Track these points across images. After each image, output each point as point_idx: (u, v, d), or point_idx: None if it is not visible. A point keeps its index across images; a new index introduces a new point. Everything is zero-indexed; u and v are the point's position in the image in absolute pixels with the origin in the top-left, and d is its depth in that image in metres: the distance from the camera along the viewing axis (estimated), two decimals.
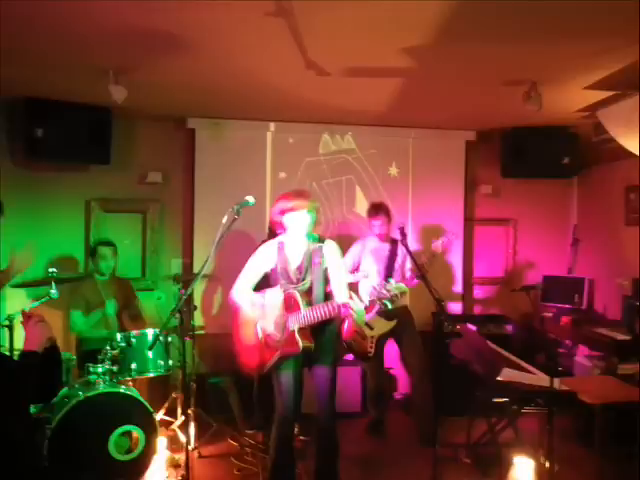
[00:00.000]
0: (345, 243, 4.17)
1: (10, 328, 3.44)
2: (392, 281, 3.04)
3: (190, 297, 4.40)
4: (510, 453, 3.54)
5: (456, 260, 5.45)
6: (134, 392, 3.58)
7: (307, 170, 5.20)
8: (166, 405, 4.23)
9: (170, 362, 3.89)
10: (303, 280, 3.11)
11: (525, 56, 3.30)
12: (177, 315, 3.05)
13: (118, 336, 3.75)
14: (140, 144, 5.03)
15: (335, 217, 5.25)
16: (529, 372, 3.44)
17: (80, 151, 4.50)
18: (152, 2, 2.62)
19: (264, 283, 3.24)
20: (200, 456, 3.98)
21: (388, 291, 2.94)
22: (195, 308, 4.53)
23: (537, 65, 3.47)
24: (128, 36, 3.05)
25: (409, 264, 4.30)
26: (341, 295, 3.06)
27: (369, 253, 4.34)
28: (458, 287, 5.50)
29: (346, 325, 3.08)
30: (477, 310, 5.64)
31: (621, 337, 4.28)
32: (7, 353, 3.32)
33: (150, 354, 3.78)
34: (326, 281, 3.14)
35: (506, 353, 3.70)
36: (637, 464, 3.33)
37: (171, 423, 4.16)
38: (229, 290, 3.23)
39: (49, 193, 4.79)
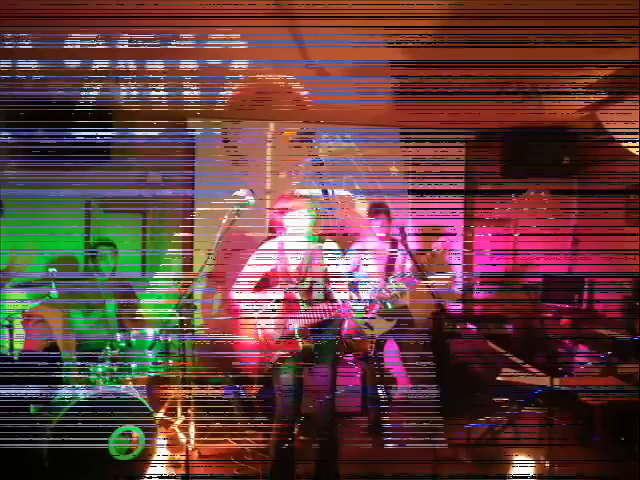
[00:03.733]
0: (345, 243, 4.16)
1: (10, 328, 3.44)
2: (392, 281, 3.04)
3: (190, 297, 4.39)
4: (510, 453, 3.54)
5: (456, 260, 5.44)
6: (134, 392, 3.58)
7: (307, 170, 5.19)
8: (166, 405, 4.23)
9: (170, 362, 3.89)
10: (303, 280, 3.12)
11: (525, 57, 3.30)
12: (177, 315, 3.05)
13: (118, 336, 3.75)
14: (140, 144, 5.02)
15: (335, 217, 5.24)
16: (529, 372, 3.44)
17: (80, 151, 4.49)
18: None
19: (264, 283, 3.24)
20: (200, 456, 3.98)
21: (388, 291, 2.94)
22: (195, 308, 4.53)
23: (537, 65, 3.47)
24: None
25: (409, 264, 4.29)
26: (341, 295, 3.06)
27: (369, 253, 4.33)
28: (458, 287, 5.50)
29: (346, 325, 3.08)
30: (477, 310, 5.64)
31: (621, 337, 4.28)
32: (7, 353, 3.32)
33: (150, 354, 3.78)
34: (326, 281, 3.14)
35: (506, 353, 3.70)
36: (637, 464, 3.33)
37: (171, 423, 4.16)
38: (229, 290, 3.23)
39: (49, 193, 4.78)
